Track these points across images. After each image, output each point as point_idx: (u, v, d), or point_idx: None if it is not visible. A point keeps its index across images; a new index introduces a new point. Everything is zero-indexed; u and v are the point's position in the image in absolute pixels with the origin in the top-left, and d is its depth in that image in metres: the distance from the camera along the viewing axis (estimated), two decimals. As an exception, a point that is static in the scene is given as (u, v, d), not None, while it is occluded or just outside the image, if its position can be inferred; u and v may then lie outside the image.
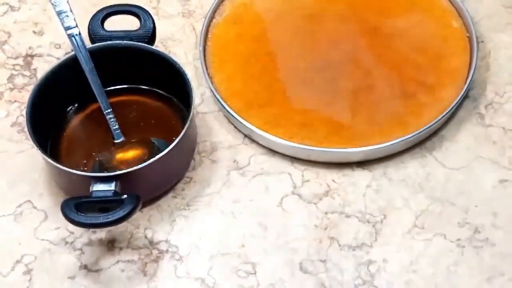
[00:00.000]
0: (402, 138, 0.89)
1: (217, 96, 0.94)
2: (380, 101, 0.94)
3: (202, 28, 1.00)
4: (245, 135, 0.93)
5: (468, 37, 0.98)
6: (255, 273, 0.84)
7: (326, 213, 0.87)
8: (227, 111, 0.93)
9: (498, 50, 0.99)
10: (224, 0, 1.03)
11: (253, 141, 0.93)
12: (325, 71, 0.97)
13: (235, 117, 0.92)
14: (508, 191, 0.88)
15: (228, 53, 0.99)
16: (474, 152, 0.91)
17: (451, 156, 0.91)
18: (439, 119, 0.90)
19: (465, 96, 0.95)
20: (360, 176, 0.90)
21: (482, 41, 1.00)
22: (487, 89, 0.96)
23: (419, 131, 0.90)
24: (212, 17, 1.01)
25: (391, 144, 0.89)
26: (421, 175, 0.90)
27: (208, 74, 0.96)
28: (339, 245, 0.85)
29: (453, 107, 0.91)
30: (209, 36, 1.00)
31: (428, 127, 0.90)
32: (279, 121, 0.92)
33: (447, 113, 0.91)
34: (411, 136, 0.89)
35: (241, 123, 0.92)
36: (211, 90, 0.95)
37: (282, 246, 0.86)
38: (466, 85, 0.93)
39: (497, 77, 0.97)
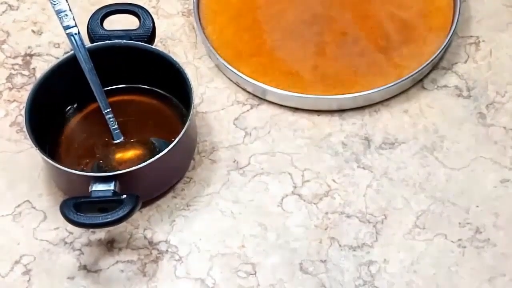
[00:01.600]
0: (384, 87, 0.95)
1: (209, 45, 0.98)
2: (363, 53, 0.99)
3: None
4: (235, 83, 0.98)
5: None
6: (255, 274, 0.84)
7: (326, 213, 0.87)
8: (218, 59, 0.97)
9: (499, 50, 0.99)
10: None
11: (253, 139, 0.93)
12: (312, 25, 1.02)
13: (225, 66, 0.97)
14: (510, 191, 0.88)
15: (220, 5, 1.04)
16: (475, 152, 0.91)
17: (452, 156, 0.91)
18: (421, 69, 0.95)
19: (466, 96, 0.95)
20: (361, 176, 0.90)
21: (484, 41, 1.00)
22: (488, 88, 0.96)
23: (400, 79, 0.95)
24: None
25: (372, 92, 0.94)
26: (421, 175, 0.90)
27: (200, 24, 1.01)
28: (340, 245, 0.85)
29: (435, 56, 0.96)
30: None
31: (409, 76, 0.95)
32: (267, 70, 0.97)
33: (428, 63, 0.95)
34: (392, 85, 0.95)
35: (231, 71, 0.97)
36: (203, 40, 0.99)
37: (282, 246, 0.86)
38: (449, 35, 0.98)
39: (498, 76, 0.97)
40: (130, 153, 0.90)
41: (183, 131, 0.86)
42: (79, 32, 0.91)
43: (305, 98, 0.95)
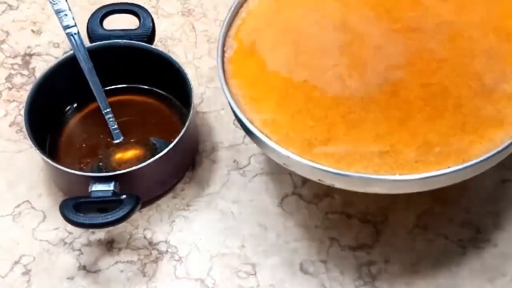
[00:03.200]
0: None
1: (268, 143, 0.77)
2: (462, 102, 0.79)
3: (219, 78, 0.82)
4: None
5: None
6: (255, 274, 0.84)
7: (326, 213, 0.87)
8: (289, 158, 0.76)
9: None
10: (228, 32, 0.86)
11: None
12: (383, 86, 0.80)
13: (301, 162, 0.76)
14: (511, 192, 0.88)
15: (259, 90, 0.82)
16: (476, 152, 0.91)
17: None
18: None
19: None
20: (361, 176, 0.90)
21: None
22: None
23: None
24: (222, 56, 0.84)
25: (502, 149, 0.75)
26: (422, 175, 0.89)
27: (246, 118, 0.79)
28: (340, 245, 0.85)
29: None
30: (227, 73, 0.83)
31: None
32: (354, 157, 0.76)
33: None
34: None
35: (311, 166, 0.75)
36: (259, 141, 0.78)
37: (282, 247, 0.86)
38: None
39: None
40: (130, 153, 0.90)
41: (183, 131, 0.86)
42: (78, 32, 0.91)
43: (416, 181, 0.74)
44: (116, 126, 0.90)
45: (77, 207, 0.81)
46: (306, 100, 0.80)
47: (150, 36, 0.93)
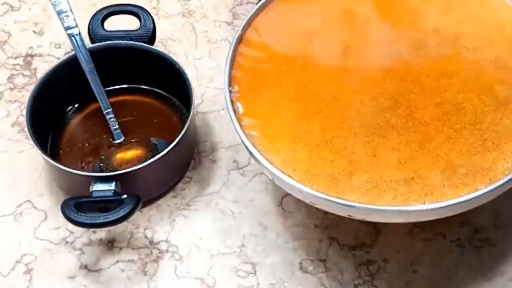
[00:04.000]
0: None
1: (291, 183, 0.75)
2: (478, 118, 0.77)
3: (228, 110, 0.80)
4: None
5: None
6: (255, 273, 0.84)
7: (326, 213, 0.87)
8: (313, 195, 0.74)
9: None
10: (233, 62, 0.84)
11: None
12: (397, 109, 0.79)
13: (322, 198, 0.74)
14: (509, 191, 0.88)
15: (271, 127, 0.79)
16: (474, 152, 0.91)
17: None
18: None
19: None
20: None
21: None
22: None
23: None
24: (230, 91, 0.81)
25: None
26: (421, 175, 0.90)
27: (263, 157, 0.76)
28: (339, 245, 0.85)
29: None
30: (238, 114, 0.80)
31: None
32: (381, 187, 0.74)
33: None
34: None
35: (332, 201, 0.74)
36: (282, 183, 0.76)
37: (282, 246, 0.86)
38: None
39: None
40: (131, 153, 0.90)
41: (183, 131, 0.86)
42: (80, 33, 0.91)
43: (448, 207, 0.73)
44: (117, 126, 0.91)
45: (78, 207, 0.81)
46: (322, 133, 0.78)
47: (151, 37, 0.94)
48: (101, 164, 0.89)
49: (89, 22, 0.94)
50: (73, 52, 0.91)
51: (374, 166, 0.75)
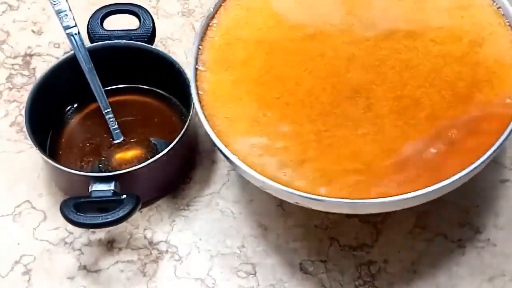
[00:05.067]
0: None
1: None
2: (435, 114, 0.77)
3: (189, 89, 0.81)
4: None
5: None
6: (255, 274, 0.84)
7: (326, 213, 0.87)
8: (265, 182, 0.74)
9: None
10: (202, 42, 0.84)
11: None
12: (356, 100, 0.79)
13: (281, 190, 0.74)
14: (510, 191, 0.88)
15: (231, 110, 0.80)
16: (475, 152, 0.91)
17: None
18: None
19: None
20: (361, 176, 0.90)
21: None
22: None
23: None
24: (196, 68, 0.83)
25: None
26: (422, 175, 0.90)
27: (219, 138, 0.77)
28: (340, 245, 0.85)
29: None
30: (200, 93, 0.81)
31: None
32: (330, 177, 0.75)
33: None
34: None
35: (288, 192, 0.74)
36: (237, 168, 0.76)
37: (282, 247, 0.86)
38: None
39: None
40: (130, 153, 0.90)
41: (183, 131, 0.86)
42: (79, 32, 0.91)
43: (390, 203, 0.72)
44: (116, 126, 0.90)
45: (78, 207, 0.81)
46: (280, 119, 0.78)
47: (150, 36, 0.93)
48: (101, 165, 0.89)
49: (88, 22, 0.94)
50: (72, 52, 0.91)
51: (326, 155, 0.75)
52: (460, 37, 0.82)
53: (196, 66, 0.82)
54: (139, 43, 0.92)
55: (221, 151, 0.77)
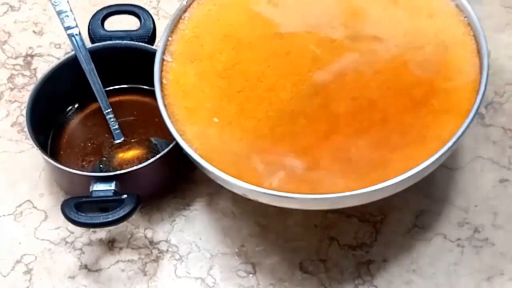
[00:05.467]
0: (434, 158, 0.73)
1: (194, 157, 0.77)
2: (388, 117, 0.79)
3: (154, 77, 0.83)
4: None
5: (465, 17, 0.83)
6: (255, 273, 0.84)
7: (326, 213, 0.87)
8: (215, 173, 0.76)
9: (498, 50, 0.99)
10: (172, 34, 0.86)
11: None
12: (314, 98, 0.80)
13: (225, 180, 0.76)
14: (508, 191, 0.88)
15: (192, 99, 0.82)
16: (474, 152, 0.91)
17: (451, 156, 0.91)
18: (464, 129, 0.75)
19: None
20: (360, 176, 0.90)
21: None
22: (487, 88, 0.96)
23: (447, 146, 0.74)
24: (162, 59, 0.84)
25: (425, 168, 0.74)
26: (421, 175, 0.90)
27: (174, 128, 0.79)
28: (339, 244, 0.85)
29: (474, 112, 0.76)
30: (164, 82, 0.83)
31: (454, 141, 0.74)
32: (278, 171, 0.76)
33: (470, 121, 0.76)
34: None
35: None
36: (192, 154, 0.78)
37: (282, 246, 0.86)
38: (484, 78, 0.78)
39: (497, 77, 0.97)
40: (131, 153, 0.90)
41: (183, 131, 0.86)
42: (80, 33, 0.91)
43: (325, 199, 0.74)
44: (117, 126, 0.91)
45: (78, 207, 0.81)
46: (239, 112, 0.80)
47: (151, 37, 0.94)
48: (101, 164, 0.89)
49: (89, 22, 0.94)
50: (73, 52, 0.91)
51: (277, 150, 0.77)
52: (424, 44, 0.83)
53: (164, 57, 0.84)
54: (140, 43, 0.93)
55: (174, 138, 0.79)
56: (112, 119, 0.91)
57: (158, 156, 0.84)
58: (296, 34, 0.85)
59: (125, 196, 0.82)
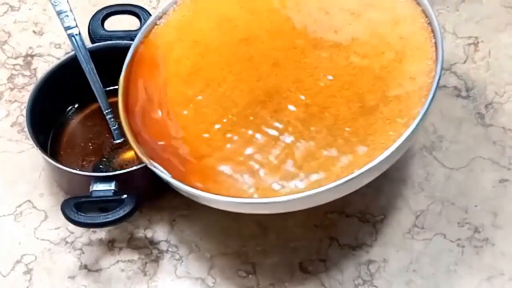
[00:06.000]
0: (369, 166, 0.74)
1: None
2: (337, 124, 0.79)
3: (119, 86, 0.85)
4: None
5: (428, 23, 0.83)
6: (255, 273, 0.84)
7: (326, 213, 0.87)
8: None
9: (498, 50, 1.00)
10: (140, 44, 0.88)
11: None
12: (268, 104, 0.82)
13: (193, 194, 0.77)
14: (508, 191, 0.88)
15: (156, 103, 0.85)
16: (474, 152, 0.91)
17: (451, 156, 0.91)
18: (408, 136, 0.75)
19: (465, 96, 0.96)
20: (360, 176, 0.90)
21: (482, 41, 1.00)
22: (487, 88, 0.96)
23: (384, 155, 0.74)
24: (130, 67, 0.87)
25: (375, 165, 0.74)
26: (421, 175, 0.90)
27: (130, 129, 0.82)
28: (339, 244, 0.86)
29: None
30: (129, 84, 0.86)
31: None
32: (223, 176, 0.78)
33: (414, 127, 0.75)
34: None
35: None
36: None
37: (282, 246, 0.86)
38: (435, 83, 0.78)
39: (497, 77, 0.97)
40: (131, 153, 0.90)
41: (183, 131, 0.86)
42: (80, 33, 0.91)
43: (255, 205, 0.76)
44: (117, 126, 0.91)
45: (78, 207, 0.81)
46: (195, 117, 0.82)
47: (151, 37, 0.94)
48: (101, 165, 0.89)
49: (89, 22, 0.94)
50: (73, 52, 0.91)
51: (225, 155, 0.79)
52: (383, 51, 0.82)
53: (135, 58, 0.87)
54: (140, 43, 0.93)
55: (128, 141, 0.81)
56: (112, 119, 0.91)
57: (158, 156, 0.84)
58: (261, 40, 0.86)
59: (125, 196, 0.82)
